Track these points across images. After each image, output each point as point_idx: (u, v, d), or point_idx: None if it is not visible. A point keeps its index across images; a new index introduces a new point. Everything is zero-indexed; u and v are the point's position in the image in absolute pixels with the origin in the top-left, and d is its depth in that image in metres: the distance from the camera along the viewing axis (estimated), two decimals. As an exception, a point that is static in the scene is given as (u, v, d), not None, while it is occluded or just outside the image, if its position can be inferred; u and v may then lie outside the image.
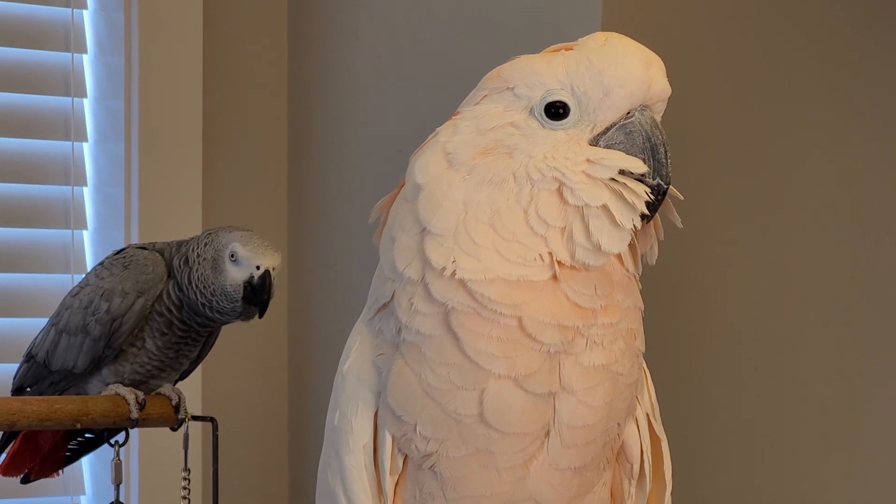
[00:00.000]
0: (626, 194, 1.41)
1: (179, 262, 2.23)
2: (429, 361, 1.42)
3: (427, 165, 1.46)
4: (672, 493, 1.57)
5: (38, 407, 2.14)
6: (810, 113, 2.62)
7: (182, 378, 2.36)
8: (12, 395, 2.33)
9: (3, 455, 2.33)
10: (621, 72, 1.42)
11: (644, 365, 1.53)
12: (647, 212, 1.42)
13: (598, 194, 1.41)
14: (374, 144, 2.91)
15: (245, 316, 2.25)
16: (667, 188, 1.43)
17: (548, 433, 1.42)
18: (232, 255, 2.21)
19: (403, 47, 2.85)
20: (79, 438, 2.36)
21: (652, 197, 1.42)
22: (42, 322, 2.36)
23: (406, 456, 1.46)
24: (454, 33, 2.72)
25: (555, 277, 1.40)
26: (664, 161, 1.43)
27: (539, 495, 1.44)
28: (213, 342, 2.36)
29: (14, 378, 2.35)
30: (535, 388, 1.40)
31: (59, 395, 2.26)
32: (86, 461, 2.71)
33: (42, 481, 2.40)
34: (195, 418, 2.31)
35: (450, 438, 1.42)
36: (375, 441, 1.48)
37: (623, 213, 1.41)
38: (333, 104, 3.02)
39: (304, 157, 3.10)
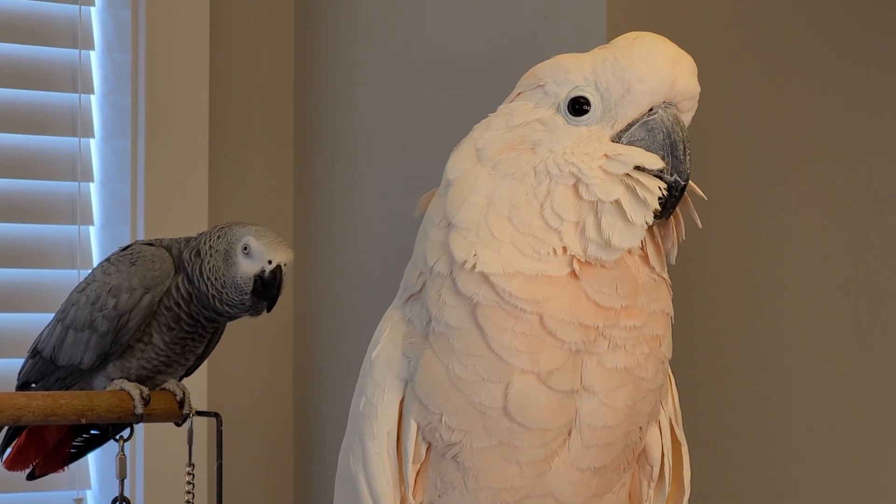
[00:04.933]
0: (638, 190, 1.41)
1: (190, 254, 2.24)
2: (456, 353, 1.43)
3: (458, 161, 1.48)
4: (689, 500, 1.58)
5: (43, 402, 2.15)
6: (824, 109, 2.61)
7: (187, 374, 2.37)
8: (17, 390, 2.34)
9: (9, 450, 2.34)
10: (643, 68, 1.43)
11: (669, 370, 1.53)
12: (660, 208, 1.42)
13: (612, 189, 1.41)
14: (380, 141, 2.91)
15: (254, 310, 2.26)
16: (685, 185, 1.43)
17: (570, 432, 1.43)
18: (245, 248, 2.23)
19: (409, 44, 2.86)
20: (84, 435, 2.37)
21: (665, 193, 1.42)
22: (48, 317, 2.36)
23: (429, 445, 1.47)
24: (459, 30, 2.72)
25: (574, 274, 1.41)
26: (682, 158, 1.43)
27: (558, 492, 1.45)
28: (219, 338, 2.37)
29: (19, 373, 2.36)
30: (557, 384, 1.41)
31: (65, 390, 2.27)
32: (91, 456, 2.71)
33: (48, 476, 2.41)
34: (199, 413, 2.31)
35: (474, 430, 1.43)
36: (400, 428, 1.49)
37: (635, 209, 1.41)
38: (339, 101, 3.02)
39: (310, 153, 3.10)
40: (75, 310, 2.27)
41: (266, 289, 2.23)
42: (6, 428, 2.30)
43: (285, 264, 2.24)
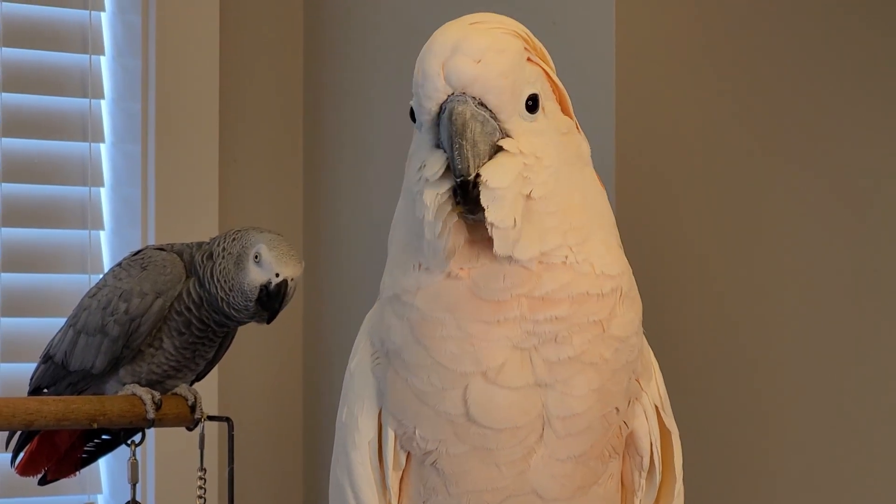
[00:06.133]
0: (417, 201, 1.39)
1: (202, 257, 2.24)
2: (411, 367, 1.43)
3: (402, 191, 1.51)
4: (684, 490, 1.57)
5: (55, 407, 2.16)
6: (827, 109, 2.62)
7: (198, 379, 2.37)
8: (29, 395, 2.35)
9: (21, 455, 2.34)
10: (417, 70, 1.41)
11: (653, 358, 1.53)
12: (464, 207, 1.37)
13: (419, 204, 1.39)
14: (390, 145, 2.91)
15: (259, 318, 2.26)
16: (466, 179, 1.36)
17: (544, 426, 1.43)
18: (256, 256, 2.22)
19: (418, 48, 2.85)
20: (95, 440, 2.37)
21: (441, 193, 1.37)
22: (59, 322, 2.37)
23: (409, 452, 1.48)
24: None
25: (450, 276, 1.40)
26: (456, 152, 1.36)
27: (541, 488, 1.45)
28: (230, 343, 2.37)
29: (31, 378, 2.36)
30: (509, 382, 1.40)
31: (77, 395, 2.27)
32: (103, 461, 2.72)
33: (59, 481, 2.42)
34: (211, 418, 2.32)
35: (447, 437, 1.44)
36: (380, 437, 1.50)
37: (426, 221, 1.38)
38: (349, 105, 3.03)
39: (320, 157, 3.11)
40: (87, 314, 2.28)
41: (270, 300, 2.23)
42: (18, 433, 2.31)
43: (292, 279, 2.23)
